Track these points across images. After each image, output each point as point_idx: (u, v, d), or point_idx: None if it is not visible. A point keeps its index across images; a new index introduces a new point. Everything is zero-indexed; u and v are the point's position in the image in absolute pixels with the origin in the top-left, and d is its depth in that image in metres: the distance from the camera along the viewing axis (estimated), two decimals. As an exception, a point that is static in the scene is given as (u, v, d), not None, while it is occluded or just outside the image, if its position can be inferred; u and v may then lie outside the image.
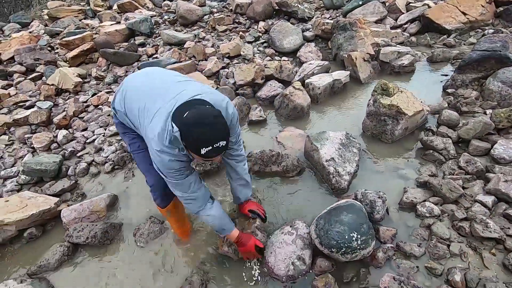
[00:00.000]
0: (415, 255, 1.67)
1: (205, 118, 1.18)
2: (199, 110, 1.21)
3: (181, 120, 1.21)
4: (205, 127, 1.17)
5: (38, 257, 1.93)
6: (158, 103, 1.35)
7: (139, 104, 1.42)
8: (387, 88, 2.43)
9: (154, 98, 1.39)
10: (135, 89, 1.51)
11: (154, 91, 1.43)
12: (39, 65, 4.43)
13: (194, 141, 1.18)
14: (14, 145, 2.97)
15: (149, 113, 1.36)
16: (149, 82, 1.50)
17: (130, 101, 1.49)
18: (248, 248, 1.65)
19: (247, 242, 1.65)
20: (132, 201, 2.28)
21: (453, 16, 3.87)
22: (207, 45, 4.47)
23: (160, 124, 1.29)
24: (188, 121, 1.18)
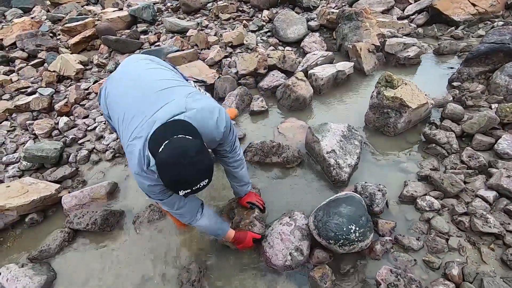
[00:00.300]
0: (413, 249, 1.67)
1: (183, 158, 1.01)
2: (176, 147, 1.04)
3: (156, 155, 1.07)
4: (183, 169, 1.01)
5: (39, 242, 1.95)
6: (139, 119, 1.20)
7: (120, 113, 1.31)
8: (392, 80, 2.39)
9: (134, 112, 1.24)
10: (117, 95, 1.39)
11: (138, 100, 1.28)
12: (41, 51, 4.40)
13: (171, 183, 1.05)
14: (16, 131, 2.98)
15: (128, 130, 1.22)
16: (134, 90, 1.34)
17: (113, 107, 1.39)
18: (245, 244, 1.66)
19: (244, 239, 1.65)
20: (132, 189, 2.28)
21: (462, 7, 3.76)
22: (210, 34, 4.41)
23: (137, 148, 1.16)
24: (164, 161, 1.02)
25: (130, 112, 1.26)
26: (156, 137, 1.11)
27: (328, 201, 1.70)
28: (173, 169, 1.02)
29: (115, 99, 1.39)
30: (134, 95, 1.31)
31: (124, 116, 1.27)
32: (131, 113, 1.25)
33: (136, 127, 1.19)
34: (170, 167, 1.02)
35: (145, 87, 1.32)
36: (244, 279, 1.66)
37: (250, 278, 1.66)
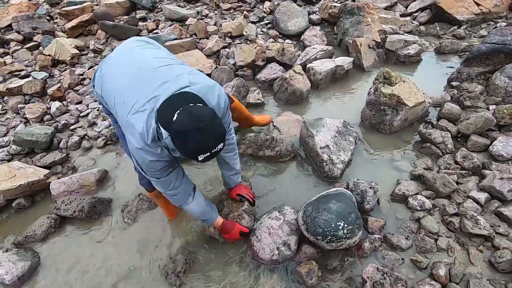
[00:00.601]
0: (401, 247, 1.66)
1: (200, 122, 1.05)
2: (192, 113, 1.06)
3: (171, 125, 1.07)
4: (202, 134, 1.05)
5: (26, 227, 1.93)
6: (139, 94, 1.20)
7: (116, 93, 1.29)
8: (389, 77, 2.35)
9: (134, 87, 1.23)
10: (114, 75, 1.36)
11: (136, 77, 1.27)
12: (37, 34, 4.32)
13: (191, 149, 1.07)
14: (7, 115, 2.93)
15: (127, 106, 1.21)
16: (132, 66, 1.32)
17: (108, 88, 1.36)
18: (232, 235, 1.65)
19: (231, 229, 1.64)
20: (122, 177, 2.26)
21: (466, 6, 3.71)
22: (209, 23, 4.33)
23: (141, 121, 1.15)
24: (181, 128, 1.04)
25: (128, 90, 1.24)
26: (166, 108, 1.11)
27: (318, 197, 1.68)
28: (192, 135, 1.04)
29: (111, 79, 1.36)
30: (131, 74, 1.29)
31: (122, 95, 1.25)
32: (129, 92, 1.24)
33: (136, 102, 1.18)
34: (189, 134, 1.04)
35: (143, 66, 1.30)
36: (230, 272, 1.65)
37: (236, 271, 1.65)
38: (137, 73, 1.28)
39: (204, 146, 1.07)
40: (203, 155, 1.08)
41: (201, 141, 1.06)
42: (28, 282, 1.66)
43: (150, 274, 1.67)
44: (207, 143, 1.07)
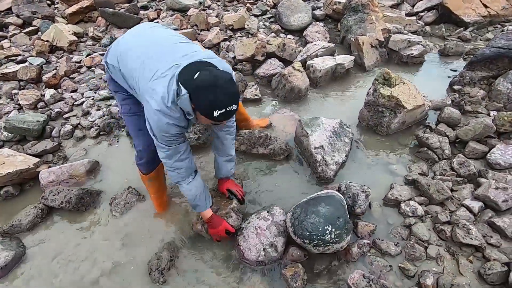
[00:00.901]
0: (390, 254, 1.63)
1: (219, 80, 1.15)
2: (212, 72, 1.17)
3: (191, 81, 1.18)
4: (220, 90, 1.14)
5: (13, 216, 1.91)
6: (161, 63, 1.29)
7: (138, 61, 1.35)
8: (389, 78, 2.29)
9: (156, 57, 1.33)
10: (134, 45, 1.43)
11: (156, 49, 1.37)
12: (36, 18, 4.25)
13: (208, 103, 1.15)
14: (1, 100, 2.89)
15: (149, 71, 1.29)
16: (151, 40, 1.44)
17: (126, 57, 1.41)
18: (218, 231, 1.63)
19: (218, 225, 1.63)
20: (113, 169, 2.23)
21: (473, 7, 3.61)
22: (211, 15, 4.25)
23: (163, 84, 1.24)
24: (202, 83, 1.15)
25: (151, 60, 1.32)
26: (187, 70, 1.22)
27: (308, 199, 1.64)
28: (210, 89, 1.14)
29: (134, 48, 1.42)
30: (154, 47, 1.39)
31: (144, 64, 1.32)
32: (152, 61, 1.32)
33: (158, 70, 1.27)
34: (207, 88, 1.14)
35: (164, 41, 1.42)
36: (214, 272, 1.63)
37: (220, 271, 1.63)
38: (159, 46, 1.39)
39: (220, 102, 1.15)
40: (218, 111, 1.15)
41: (218, 96, 1.14)
42: (12, 272, 1.65)
43: (134, 269, 1.65)
44: (223, 100, 1.15)
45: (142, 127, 1.57)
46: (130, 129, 1.70)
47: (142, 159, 1.71)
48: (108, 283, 1.60)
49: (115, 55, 1.46)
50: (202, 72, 1.17)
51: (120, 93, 1.61)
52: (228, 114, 1.19)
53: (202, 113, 1.20)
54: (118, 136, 2.53)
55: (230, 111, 1.19)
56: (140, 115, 1.57)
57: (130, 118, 1.64)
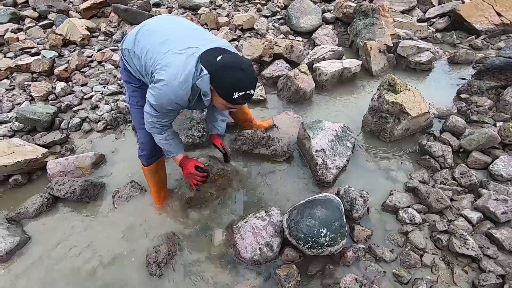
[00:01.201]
0: (385, 260, 1.63)
1: (242, 64, 1.20)
2: (236, 56, 1.23)
3: (214, 62, 1.21)
4: (242, 72, 1.19)
5: (19, 203, 1.97)
6: (180, 42, 1.33)
7: (157, 37, 1.41)
8: (395, 84, 2.29)
9: (175, 37, 1.38)
10: (155, 27, 1.49)
11: (176, 32, 1.43)
12: (52, 12, 4.35)
13: (229, 84, 1.20)
14: (14, 91, 2.98)
15: (167, 46, 1.34)
16: (174, 24, 1.52)
17: (146, 38, 1.45)
18: (188, 168, 1.68)
19: (187, 164, 1.70)
20: (118, 163, 2.28)
21: (486, 15, 3.56)
22: (221, 14, 4.29)
23: (179, 59, 1.27)
24: (226, 64, 1.19)
25: (170, 37, 1.38)
26: (210, 53, 1.27)
27: (305, 201, 1.66)
28: (234, 70, 1.20)
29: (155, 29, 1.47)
30: (174, 29, 1.46)
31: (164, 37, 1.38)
32: (171, 37, 1.38)
33: (176, 46, 1.32)
34: (231, 69, 1.19)
35: (185, 26, 1.50)
36: (211, 268, 1.66)
37: (216, 267, 1.66)
38: (180, 28, 1.47)
39: (241, 83, 1.20)
40: (238, 93, 1.21)
41: (241, 78, 1.19)
42: (16, 257, 1.71)
43: (132, 261, 1.69)
44: (245, 82, 1.21)
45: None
46: (135, 121, 1.75)
47: (143, 151, 1.77)
48: (106, 273, 1.65)
49: (132, 38, 1.50)
50: (225, 55, 1.22)
51: (131, 84, 1.66)
52: (246, 98, 1.24)
53: (221, 94, 1.24)
54: (123, 130, 2.59)
55: (248, 95, 1.24)
56: None
57: (136, 110, 1.69)
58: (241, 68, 1.20)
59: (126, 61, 1.58)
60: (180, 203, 1.96)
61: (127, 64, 1.59)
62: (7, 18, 4.16)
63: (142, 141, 1.75)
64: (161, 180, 1.95)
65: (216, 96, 1.29)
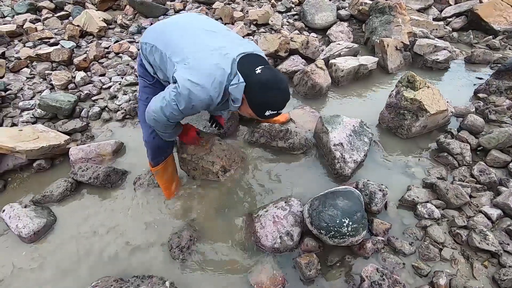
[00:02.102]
0: (404, 253, 1.65)
1: (281, 83, 1.18)
2: (275, 72, 1.20)
3: (253, 74, 1.19)
4: (279, 92, 1.18)
5: (43, 187, 2.02)
6: (218, 41, 1.29)
7: (185, 35, 1.35)
8: (414, 81, 2.29)
9: (207, 36, 1.33)
10: (181, 23, 1.44)
11: (207, 30, 1.38)
12: (68, 4, 4.40)
13: (264, 102, 1.18)
14: (35, 79, 3.03)
15: (198, 46, 1.29)
16: (200, 21, 1.46)
17: (171, 33, 1.41)
18: (190, 136, 1.81)
19: (188, 131, 1.80)
20: (137, 151, 2.32)
21: (504, 15, 3.54)
22: (236, 9, 4.31)
23: (210, 61, 1.22)
24: (266, 81, 1.16)
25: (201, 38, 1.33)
26: (248, 61, 1.24)
27: (326, 192, 1.68)
28: (273, 90, 1.18)
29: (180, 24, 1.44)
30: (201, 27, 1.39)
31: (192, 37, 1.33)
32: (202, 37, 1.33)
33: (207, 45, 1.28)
34: (271, 87, 1.17)
35: (211, 25, 1.43)
36: (231, 254, 1.69)
37: (237, 254, 1.69)
38: (207, 26, 1.41)
39: (276, 104, 1.20)
40: (271, 111, 1.21)
41: (277, 99, 1.19)
42: (42, 238, 1.76)
43: (155, 245, 1.73)
44: (280, 103, 1.21)
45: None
46: (141, 117, 1.70)
47: (148, 151, 1.76)
48: (129, 256, 1.69)
49: (154, 33, 1.47)
50: (265, 69, 1.19)
51: (144, 80, 1.64)
52: (276, 115, 1.25)
53: (253, 109, 1.22)
54: (142, 120, 2.63)
55: (279, 113, 1.25)
56: None
57: (143, 106, 1.61)
58: (278, 88, 1.19)
59: (145, 56, 1.53)
60: (202, 192, 1.99)
61: (144, 59, 1.55)
62: (25, 8, 4.23)
63: (145, 139, 1.71)
64: (169, 178, 1.93)
65: (246, 106, 1.25)
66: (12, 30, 3.63)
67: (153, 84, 1.62)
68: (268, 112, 1.21)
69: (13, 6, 4.27)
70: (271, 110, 1.20)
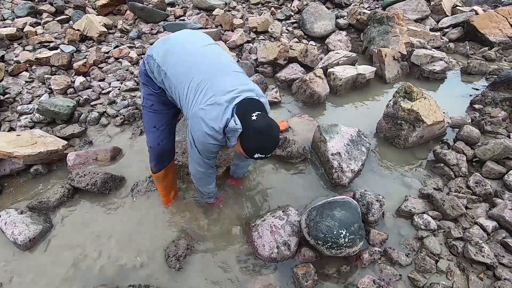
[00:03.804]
0: (400, 264, 1.66)
1: (272, 130, 1.28)
2: (268, 120, 1.29)
3: (249, 120, 1.26)
4: (270, 139, 1.28)
5: (40, 193, 2.02)
6: (218, 90, 1.34)
7: (191, 74, 1.39)
8: (411, 92, 2.32)
9: (214, 82, 1.36)
10: (185, 52, 1.45)
11: (212, 69, 1.41)
12: (68, 8, 4.42)
13: (255, 146, 1.27)
14: (34, 83, 3.03)
15: (205, 93, 1.34)
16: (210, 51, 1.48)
17: (176, 62, 1.43)
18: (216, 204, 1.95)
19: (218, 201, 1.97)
20: (135, 157, 2.32)
21: (500, 27, 3.60)
22: (236, 16, 4.35)
23: (217, 111, 1.31)
24: (258, 128, 1.25)
25: (208, 83, 1.36)
26: (245, 107, 1.32)
27: (324, 203, 1.69)
28: (263, 136, 1.27)
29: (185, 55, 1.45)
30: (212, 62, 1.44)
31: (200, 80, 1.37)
32: (209, 83, 1.36)
33: (215, 95, 1.33)
34: (261, 134, 1.26)
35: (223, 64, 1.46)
36: (228, 264, 1.69)
37: (233, 263, 1.69)
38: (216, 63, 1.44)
39: (265, 149, 1.29)
40: (259, 155, 1.29)
41: (267, 144, 1.28)
42: (38, 244, 1.75)
43: (151, 254, 1.72)
44: (268, 148, 1.29)
45: (156, 125, 1.65)
46: (145, 124, 1.71)
47: (151, 157, 1.77)
48: (126, 264, 1.68)
49: (161, 52, 1.47)
50: (260, 116, 1.28)
51: (148, 87, 1.61)
52: (264, 159, 1.33)
53: (245, 150, 1.31)
54: (140, 126, 2.63)
55: (266, 158, 1.33)
56: (159, 114, 1.64)
57: (149, 113, 1.65)
58: (270, 134, 1.27)
59: (150, 69, 1.53)
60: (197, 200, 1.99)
61: (149, 72, 1.55)
62: (26, 12, 4.23)
63: (150, 145, 1.72)
64: (169, 185, 1.94)
65: (238, 145, 1.34)
66: (12, 33, 3.63)
67: (159, 93, 1.61)
68: (257, 155, 1.29)
69: (13, 9, 4.28)
70: (260, 154, 1.29)
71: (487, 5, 4.45)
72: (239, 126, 1.27)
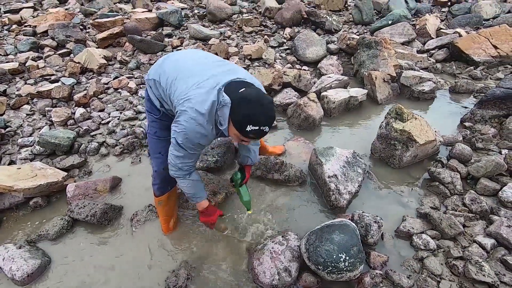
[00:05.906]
0: (402, 286, 1.65)
1: (263, 99, 1.21)
2: (258, 91, 1.25)
3: (236, 93, 1.23)
4: (261, 107, 1.20)
5: (40, 226, 2.01)
6: (202, 76, 1.36)
7: (182, 72, 1.44)
8: (402, 113, 2.40)
9: (202, 67, 1.42)
10: (180, 60, 1.53)
11: (203, 61, 1.48)
12: (70, 42, 4.60)
13: (244, 116, 1.20)
14: (35, 116, 3.10)
15: (190, 81, 1.37)
16: (197, 55, 1.58)
17: (170, 67, 1.51)
18: (212, 219, 1.77)
19: (213, 213, 1.77)
20: (135, 186, 2.34)
21: (483, 48, 3.77)
22: (231, 45, 4.53)
23: (200, 92, 1.30)
24: (246, 96, 1.21)
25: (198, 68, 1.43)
26: (234, 85, 1.30)
27: (322, 226, 1.70)
28: (253, 104, 1.20)
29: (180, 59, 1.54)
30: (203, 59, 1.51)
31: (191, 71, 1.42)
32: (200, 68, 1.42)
33: (198, 81, 1.35)
34: (251, 101, 1.20)
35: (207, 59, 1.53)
36: (230, 292, 1.67)
37: (235, 292, 1.67)
38: (204, 61, 1.50)
39: (257, 118, 1.20)
40: (252, 127, 1.20)
41: (257, 112, 1.19)
42: (37, 280, 1.72)
43: (152, 285, 1.70)
44: (261, 117, 1.20)
45: (162, 151, 1.72)
46: (151, 150, 1.81)
47: (156, 180, 1.83)
48: (125, 298, 1.66)
49: (158, 70, 1.57)
50: (248, 88, 1.26)
51: (152, 115, 1.72)
52: (259, 133, 1.24)
53: (236, 125, 1.24)
54: (140, 155, 2.67)
55: (262, 131, 1.24)
56: (163, 140, 1.71)
57: (153, 140, 1.76)
58: (260, 103, 1.20)
59: (152, 91, 1.63)
60: (197, 228, 1.99)
61: (151, 94, 1.65)
62: (28, 46, 4.39)
63: (155, 170, 1.80)
64: (170, 212, 1.97)
65: (231, 125, 1.29)
66: (15, 68, 3.76)
67: (160, 118, 1.70)
68: (249, 127, 1.19)
69: (16, 45, 4.45)
70: (253, 125, 1.19)
71: (469, 27, 4.67)
72: (228, 100, 1.23)
